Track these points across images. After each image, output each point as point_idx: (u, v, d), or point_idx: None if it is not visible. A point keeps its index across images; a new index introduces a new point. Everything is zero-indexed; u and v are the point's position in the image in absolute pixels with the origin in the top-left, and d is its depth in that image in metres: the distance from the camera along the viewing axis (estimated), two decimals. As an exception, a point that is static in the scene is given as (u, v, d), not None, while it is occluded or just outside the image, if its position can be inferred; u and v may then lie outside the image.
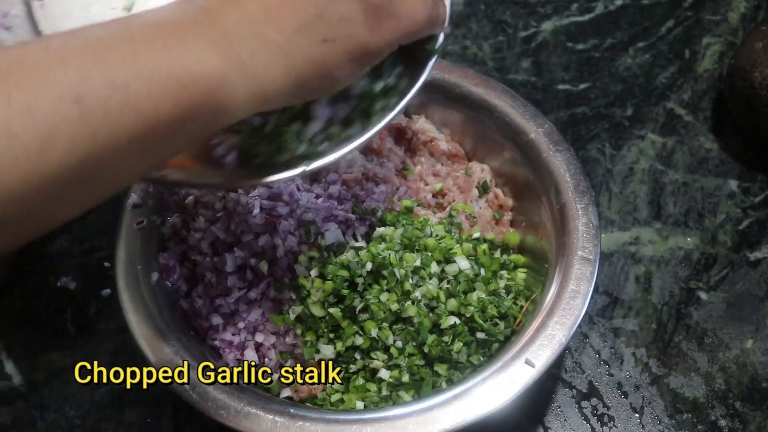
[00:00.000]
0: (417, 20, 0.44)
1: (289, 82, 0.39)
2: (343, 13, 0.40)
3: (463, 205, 0.62)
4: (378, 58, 0.43)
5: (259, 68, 0.38)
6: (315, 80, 0.40)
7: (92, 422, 0.59)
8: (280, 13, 0.38)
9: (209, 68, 0.36)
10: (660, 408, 0.59)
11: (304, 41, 0.39)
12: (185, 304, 0.57)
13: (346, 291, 0.54)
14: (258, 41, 0.38)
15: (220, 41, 0.37)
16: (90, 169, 0.33)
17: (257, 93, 0.38)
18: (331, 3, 0.40)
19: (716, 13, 0.84)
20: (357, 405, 0.53)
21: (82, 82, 0.32)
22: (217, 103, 0.36)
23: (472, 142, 0.66)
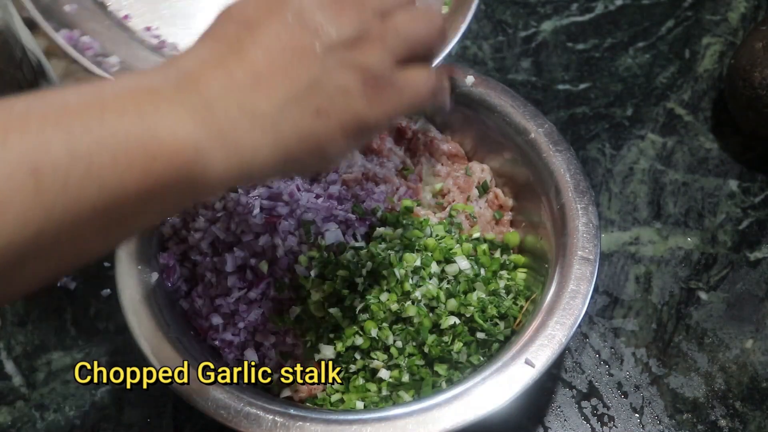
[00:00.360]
0: (420, 93, 0.41)
1: (275, 156, 0.35)
2: (341, 84, 0.37)
3: (463, 205, 0.62)
4: (375, 132, 0.40)
5: (243, 140, 0.34)
6: (305, 155, 0.37)
7: (92, 422, 0.59)
8: (270, 81, 0.35)
9: (185, 139, 0.33)
10: (660, 408, 0.59)
11: (296, 113, 0.36)
12: (185, 304, 0.57)
13: (346, 291, 0.54)
14: (243, 111, 0.35)
15: (199, 110, 0.34)
16: (46, 243, 0.30)
17: (239, 167, 0.35)
18: (327, 71, 0.36)
19: (716, 13, 0.85)
20: (357, 405, 0.53)
21: (41, 150, 0.29)
22: (193, 177, 0.33)
23: (472, 142, 0.66)
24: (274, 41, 0.36)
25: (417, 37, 0.41)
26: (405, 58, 0.40)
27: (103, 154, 0.30)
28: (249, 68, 0.35)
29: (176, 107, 0.33)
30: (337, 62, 0.37)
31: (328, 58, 0.36)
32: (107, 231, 0.32)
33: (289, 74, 0.35)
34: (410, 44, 0.40)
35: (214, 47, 0.36)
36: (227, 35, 0.36)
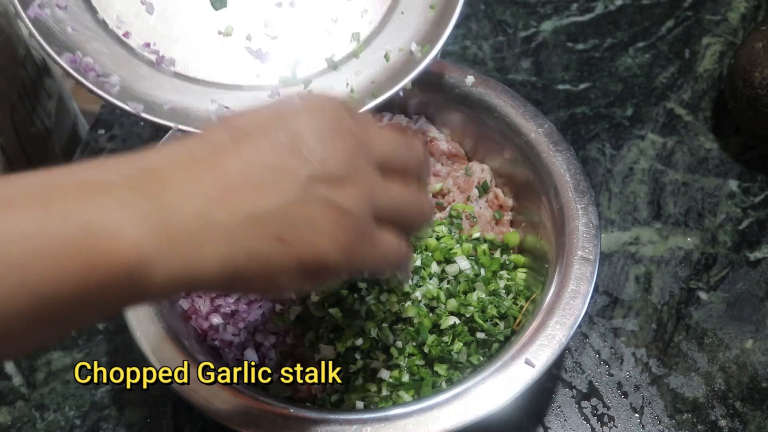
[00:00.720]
0: (387, 258, 0.39)
1: (223, 272, 0.33)
2: (312, 217, 0.34)
3: (463, 205, 0.62)
4: (332, 278, 0.37)
5: (192, 251, 0.32)
6: (254, 277, 0.34)
7: (92, 422, 0.59)
8: (239, 194, 0.33)
9: (128, 244, 0.30)
10: (660, 408, 0.59)
11: (255, 232, 0.33)
12: (185, 304, 0.57)
13: (346, 291, 0.54)
14: (199, 220, 0.32)
15: (152, 214, 0.31)
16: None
17: (183, 277, 0.32)
18: (303, 201, 0.34)
19: (716, 13, 0.85)
20: (357, 405, 0.53)
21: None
22: (132, 283, 0.31)
23: (472, 142, 0.67)
24: (258, 157, 0.34)
25: (406, 210, 0.40)
26: (385, 219, 0.38)
27: (36, 265, 0.28)
28: (221, 178, 0.33)
29: (126, 209, 0.31)
30: (317, 195, 0.35)
31: (309, 188, 0.34)
32: (37, 332, 0.30)
33: (262, 193, 0.34)
34: (396, 211, 0.39)
35: (195, 149, 0.34)
36: (214, 141, 0.35)
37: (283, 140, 0.35)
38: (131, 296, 0.32)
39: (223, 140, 0.35)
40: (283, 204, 0.34)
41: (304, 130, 0.35)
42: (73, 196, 0.30)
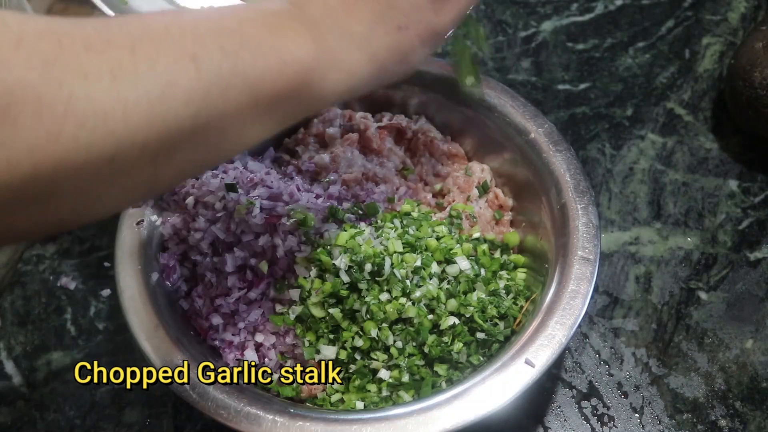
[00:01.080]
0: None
1: (371, 69, 0.42)
2: (412, 1, 0.43)
3: (463, 205, 0.62)
4: (444, 37, 0.46)
5: (346, 56, 0.41)
6: (393, 65, 0.44)
7: (92, 422, 0.59)
8: (357, 5, 0.42)
9: (306, 51, 0.39)
10: (660, 408, 0.59)
11: (382, 30, 0.42)
12: (185, 304, 0.57)
13: (345, 292, 0.54)
14: (343, 31, 0.41)
15: (311, 29, 0.40)
16: (200, 127, 0.35)
17: (345, 80, 0.41)
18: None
19: (716, 13, 0.85)
20: (357, 405, 0.53)
21: (198, 44, 0.35)
22: (312, 86, 0.39)
23: (472, 142, 0.66)
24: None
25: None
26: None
27: (246, 54, 0.36)
28: (341, 2, 0.42)
29: (295, 26, 0.39)
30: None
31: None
32: (242, 129, 0.38)
33: (369, 2, 0.42)
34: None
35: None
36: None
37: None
38: (310, 100, 0.40)
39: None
40: (388, 2, 0.43)
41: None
42: (260, 19, 0.39)
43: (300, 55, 0.38)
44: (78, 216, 0.34)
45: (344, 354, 0.53)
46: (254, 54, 0.37)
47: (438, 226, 0.59)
